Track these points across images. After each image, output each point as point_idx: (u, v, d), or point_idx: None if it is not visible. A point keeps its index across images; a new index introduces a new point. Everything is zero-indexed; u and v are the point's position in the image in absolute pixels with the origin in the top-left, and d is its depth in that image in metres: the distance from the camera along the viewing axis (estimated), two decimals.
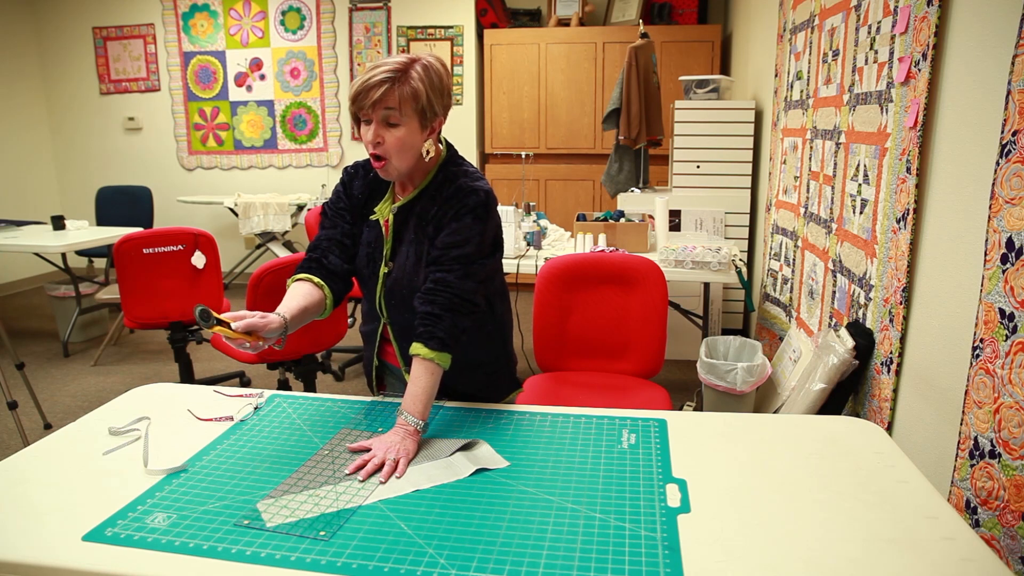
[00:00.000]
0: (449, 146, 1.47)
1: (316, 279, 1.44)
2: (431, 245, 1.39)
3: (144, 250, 3.03)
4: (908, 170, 1.81)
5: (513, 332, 1.63)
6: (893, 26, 1.94)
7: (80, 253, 4.96)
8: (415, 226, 1.42)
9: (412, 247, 1.41)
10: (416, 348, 1.32)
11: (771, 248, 3.38)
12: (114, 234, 3.85)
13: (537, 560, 0.94)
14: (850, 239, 2.23)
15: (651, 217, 3.45)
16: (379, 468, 1.17)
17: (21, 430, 2.88)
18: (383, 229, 1.46)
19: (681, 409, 3.07)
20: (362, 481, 1.14)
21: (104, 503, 1.08)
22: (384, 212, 1.46)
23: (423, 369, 1.30)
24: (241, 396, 1.50)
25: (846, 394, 2.13)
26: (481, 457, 1.22)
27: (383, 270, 1.45)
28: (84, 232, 4.11)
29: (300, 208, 5.22)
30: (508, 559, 0.94)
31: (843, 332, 2.12)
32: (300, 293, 1.41)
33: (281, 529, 1.01)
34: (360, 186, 1.51)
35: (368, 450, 1.22)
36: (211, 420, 1.39)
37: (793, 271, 2.97)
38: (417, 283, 1.40)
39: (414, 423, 1.26)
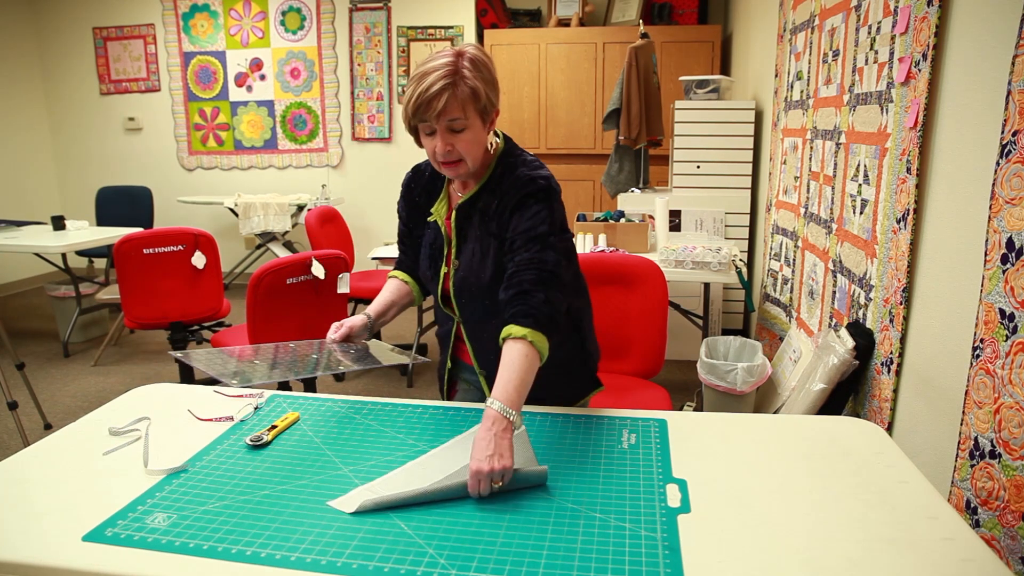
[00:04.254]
0: (506, 138, 1.45)
1: (402, 276, 1.59)
2: (497, 240, 1.36)
3: (144, 250, 3.03)
4: (908, 170, 1.81)
5: (591, 329, 1.56)
6: (893, 26, 1.94)
7: (80, 253, 4.96)
8: (479, 222, 1.39)
9: (477, 244, 1.39)
10: (507, 329, 1.23)
11: (771, 248, 3.38)
12: (114, 234, 3.85)
13: (537, 560, 0.94)
14: (850, 239, 2.23)
15: (651, 217, 3.45)
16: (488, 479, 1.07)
17: (21, 430, 2.88)
18: (443, 229, 1.45)
19: (681, 409, 3.07)
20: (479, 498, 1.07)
21: (104, 503, 1.08)
22: (441, 212, 1.46)
23: (515, 352, 1.19)
24: (241, 396, 1.50)
25: (846, 394, 2.13)
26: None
27: (443, 269, 1.44)
28: (84, 232, 4.11)
29: (300, 208, 5.21)
30: (508, 559, 0.94)
31: (843, 332, 2.12)
32: (389, 288, 1.57)
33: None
34: (419, 188, 1.51)
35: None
36: (211, 420, 1.39)
37: (793, 271, 2.97)
38: (484, 279, 1.37)
39: (506, 412, 1.12)
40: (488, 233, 1.38)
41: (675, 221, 3.90)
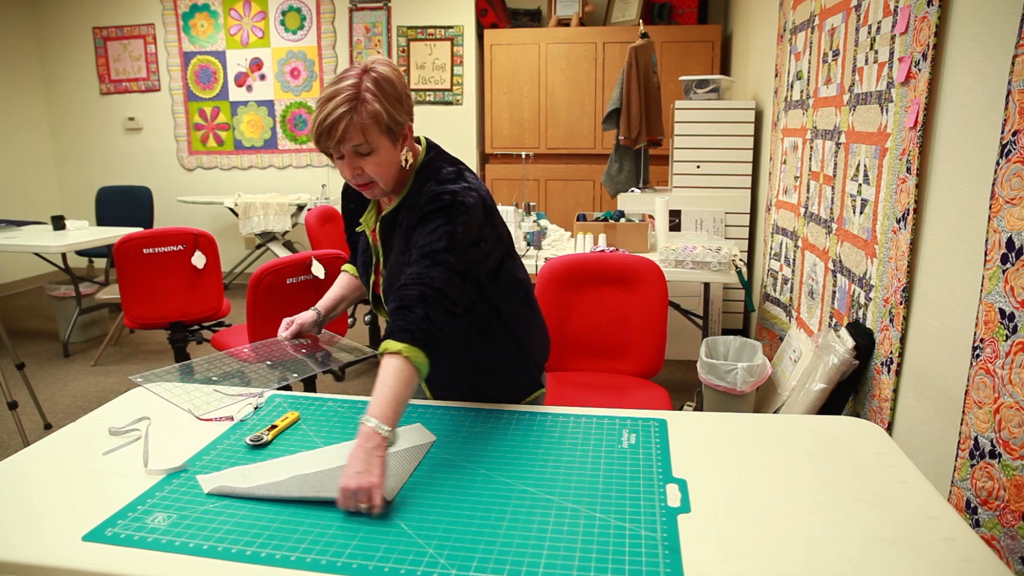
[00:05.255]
0: (429, 147, 1.42)
1: (353, 270, 1.65)
2: (408, 257, 1.34)
3: (144, 250, 3.03)
4: (908, 170, 1.81)
5: (533, 332, 1.56)
6: (893, 26, 1.94)
7: (80, 253, 4.96)
8: (400, 237, 1.39)
9: (397, 257, 1.40)
10: (384, 344, 1.20)
11: (771, 248, 3.38)
12: (114, 234, 3.85)
13: (537, 560, 0.94)
14: (850, 239, 2.23)
15: (651, 217, 3.45)
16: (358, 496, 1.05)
17: (21, 430, 2.88)
18: (371, 239, 1.48)
19: (681, 409, 3.07)
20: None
21: (104, 503, 1.08)
22: (369, 222, 1.48)
23: (391, 367, 1.17)
24: (241, 396, 1.50)
25: (846, 394, 2.13)
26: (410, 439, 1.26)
27: (372, 278, 1.48)
28: (84, 232, 4.11)
29: (300, 208, 5.22)
30: (508, 559, 0.94)
31: (843, 332, 2.12)
32: (339, 283, 1.65)
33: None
34: (353, 195, 1.54)
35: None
36: (211, 420, 1.39)
37: (793, 271, 2.97)
38: None
39: (380, 429, 1.10)
40: (403, 250, 1.37)
41: (675, 221, 3.90)
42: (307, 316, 1.57)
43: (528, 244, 3.25)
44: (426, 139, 1.44)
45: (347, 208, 1.57)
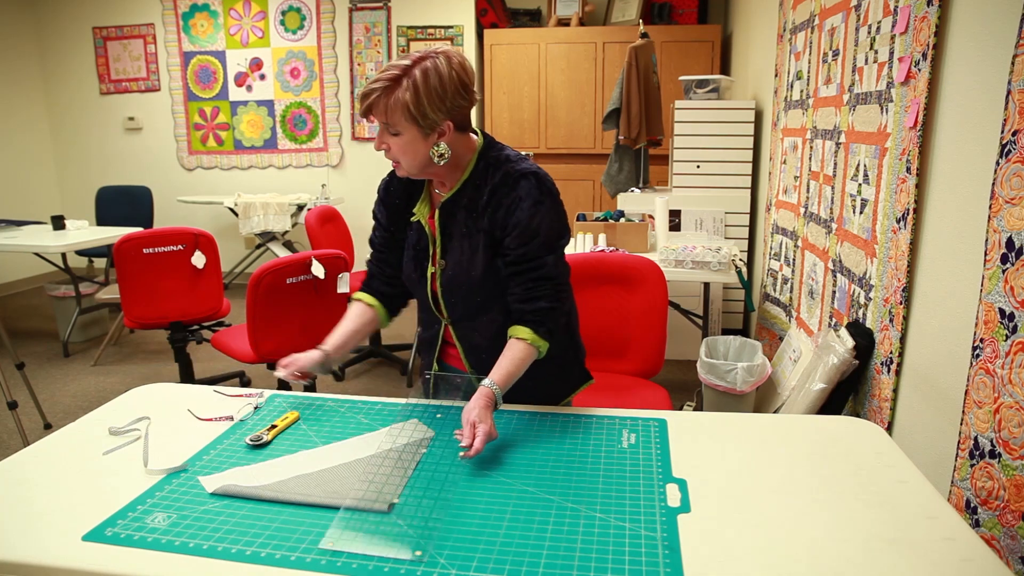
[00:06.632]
0: (486, 135, 1.43)
1: (367, 299, 1.55)
2: (487, 236, 1.36)
3: (144, 250, 3.03)
4: (908, 170, 1.81)
5: (577, 323, 1.59)
6: (893, 26, 1.94)
7: (80, 253, 4.96)
8: (465, 219, 1.39)
9: (466, 240, 1.38)
10: (522, 332, 1.34)
11: (771, 248, 3.38)
12: (114, 234, 3.85)
13: (537, 560, 0.94)
14: (850, 239, 2.23)
15: (651, 217, 3.45)
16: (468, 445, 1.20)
17: (21, 430, 2.88)
18: (427, 228, 1.44)
19: (681, 409, 3.07)
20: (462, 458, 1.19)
21: (104, 503, 1.08)
22: (423, 212, 1.45)
23: (523, 352, 1.33)
24: (241, 396, 1.50)
25: (846, 394, 2.13)
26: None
27: (431, 269, 1.44)
28: (84, 232, 4.11)
29: (300, 208, 5.21)
30: (508, 559, 0.94)
31: (843, 332, 2.12)
32: (351, 317, 1.53)
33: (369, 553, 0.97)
34: (397, 191, 1.49)
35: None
36: (211, 420, 1.39)
37: (793, 271, 2.97)
38: (475, 275, 1.37)
39: (499, 398, 1.27)
40: (478, 229, 1.37)
41: (675, 221, 3.90)
42: (311, 356, 1.41)
43: None
44: (480, 129, 1.44)
45: (390, 205, 1.50)
